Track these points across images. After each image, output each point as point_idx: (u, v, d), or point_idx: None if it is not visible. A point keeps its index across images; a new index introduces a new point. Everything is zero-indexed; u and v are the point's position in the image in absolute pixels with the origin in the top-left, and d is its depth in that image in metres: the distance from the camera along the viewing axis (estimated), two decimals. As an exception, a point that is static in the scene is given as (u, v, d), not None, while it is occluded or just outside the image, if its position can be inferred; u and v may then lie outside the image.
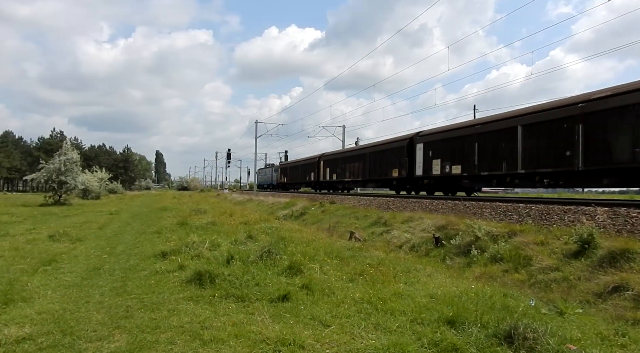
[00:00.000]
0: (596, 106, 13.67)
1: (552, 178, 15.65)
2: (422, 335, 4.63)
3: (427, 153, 22.56)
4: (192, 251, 9.19)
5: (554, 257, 8.34)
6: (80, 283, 7.16)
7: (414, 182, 24.53)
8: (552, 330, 4.52)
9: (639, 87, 12.61)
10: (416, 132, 25.06)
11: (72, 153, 35.10)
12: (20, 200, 39.07)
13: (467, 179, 19.86)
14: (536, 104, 19.50)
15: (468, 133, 19.67)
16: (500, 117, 18.47)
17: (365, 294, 6.13)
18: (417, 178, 23.71)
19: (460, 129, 20.67)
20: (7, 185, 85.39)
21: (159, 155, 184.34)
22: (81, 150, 63.51)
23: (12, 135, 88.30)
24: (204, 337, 4.54)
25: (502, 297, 6.11)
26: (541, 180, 16.04)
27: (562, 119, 14.85)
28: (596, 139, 13.62)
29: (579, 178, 15.01)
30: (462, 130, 20.41)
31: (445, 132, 21.76)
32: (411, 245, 11.81)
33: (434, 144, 22.23)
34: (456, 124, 22.54)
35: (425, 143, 22.98)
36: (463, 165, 19.74)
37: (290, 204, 25.44)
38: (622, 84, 13.71)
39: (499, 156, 17.57)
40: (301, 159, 49.75)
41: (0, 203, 31.49)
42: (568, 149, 14.49)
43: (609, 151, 13.25)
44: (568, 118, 14.58)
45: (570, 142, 14.40)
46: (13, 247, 10.47)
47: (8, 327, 4.86)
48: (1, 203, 31.57)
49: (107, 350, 4.29)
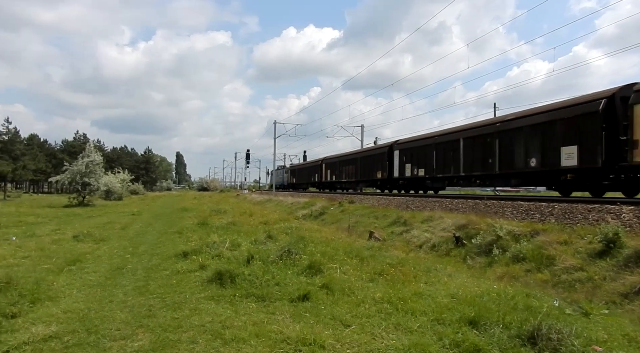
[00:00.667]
0: (505, 126, 18.58)
1: (481, 179, 20.66)
2: (444, 335, 4.58)
3: (402, 158, 27.33)
4: (212, 251, 9.28)
5: (578, 257, 8.18)
6: (104, 283, 7.29)
7: (393, 183, 29.35)
8: (577, 331, 4.43)
9: (526, 115, 17.65)
10: (395, 140, 30.08)
11: (95, 155, 35.80)
12: (45, 201, 39.98)
13: (429, 180, 24.67)
14: (478, 120, 26.47)
15: (428, 143, 24.30)
16: (449, 131, 23.42)
17: (386, 294, 6.10)
18: (395, 179, 28.47)
19: (424, 139, 25.29)
20: (33, 187, 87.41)
21: (179, 156, 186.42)
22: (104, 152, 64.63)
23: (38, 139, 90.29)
24: (225, 336, 4.58)
25: (524, 297, 6.02)
26: (475, 181, 21.18)
27: (486, 135, 19.62)
28: (506, 151, 18.36)
29: (497, 180, 20.22)
30: (425, 140, 24.98)
31: (415, 142, 26.47)
32: (431, 244, 11.72)
33: (406, 151, 26.89)
34: (422, 134, 27.14)
35: (400, 150, 27.66)
36: (426, 169, 24.42)
37: (310, 204, 25.49)
38: (521, 110, 18.81)
39: (448, 162, 22.31)
40: (307, 162, 57.72)
41: (27, 204, 32.26)
42: (490, 157, 19.19)
43: (513, 160, 17.92)
44: (489, 134, 19.38)
45: (492, 153, 19.08)
46: (39, 247, 10.72)
47: (35, 326, 4.97)
48: (27, 204, 32.34)
49: (131, 349, 4.36)
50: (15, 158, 53.81)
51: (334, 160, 41.73)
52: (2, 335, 4.70)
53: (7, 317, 5.21)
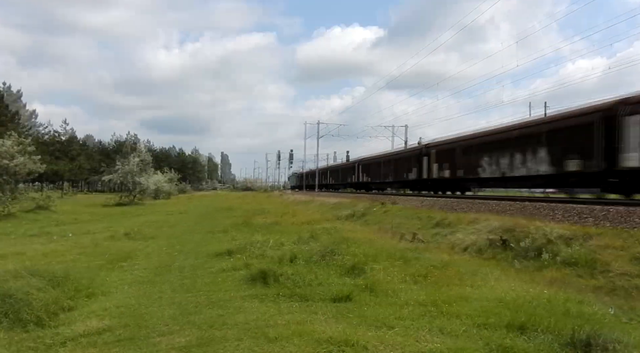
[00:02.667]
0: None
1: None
2: (490, 340, 4.46)
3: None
4: (256, 250, 9.42)
5: (635, 263, 7.76)
6: (153, 279, 7.55)
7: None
8: (635, 341, 4.21)
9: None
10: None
11: (145, 155, 37.16)
12: (98, 199, 41.84)
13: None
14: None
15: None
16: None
17: (430, 296, 5.99)
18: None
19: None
20: (88, 186, 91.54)
21: (224, 157, 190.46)
22: (152, 152, 66.86)
23: (92, 139, 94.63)
24: (269, 335, 4.63)
25: (577, 304, 5.76)
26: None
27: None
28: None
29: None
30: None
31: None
32: (477, 247, 11.41)
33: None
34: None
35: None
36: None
37: (352, 205, 25.39)
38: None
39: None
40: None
41: (82, 203, 33.84)
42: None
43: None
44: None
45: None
46: (93, 244, 11.24)
47: (90, 319, 5.22)
48: (83, 203, 33.93)
49: (179, 344, 4.48)
50: (72, 158, 56.49)
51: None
52: (59, 327, 4.96)
53: (65, 310, 5.50)
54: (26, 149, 22.11)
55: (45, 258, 9.08)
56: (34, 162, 22.26)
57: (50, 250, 10.12)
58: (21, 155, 21.71)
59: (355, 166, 46.73)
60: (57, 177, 55.95)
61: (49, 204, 23.28)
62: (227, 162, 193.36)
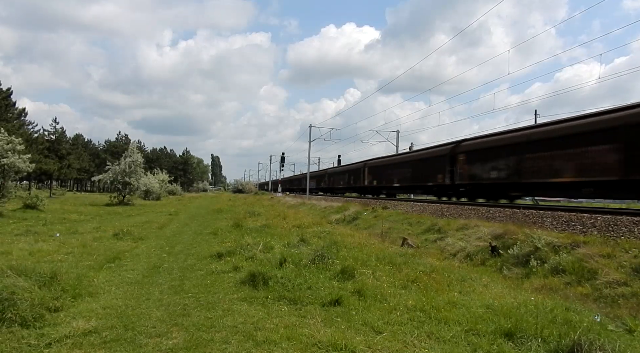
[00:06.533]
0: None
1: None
2: (478, 346, 4.49)
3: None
4: (246, 253, 9.39)
5: (622, 271, 7.85)
6: (142, 281, 7.49)
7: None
8: (620, 348, 4.26)
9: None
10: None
11: (136, 155, 36.87)
12: (87, 199, 41.47)
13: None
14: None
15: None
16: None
17: (419, 302, 6.02)
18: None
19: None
20: (77, 186, 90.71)
21: (214, 158, 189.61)
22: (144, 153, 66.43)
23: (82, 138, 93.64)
24: (257, 338, 4.62)
25: (564, 311, 5.82)
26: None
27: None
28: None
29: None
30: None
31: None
32: (466, 253, 11.48)
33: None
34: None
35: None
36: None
37: (343, 209, 25.42)
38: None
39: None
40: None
41: (71, 202, 33.51)
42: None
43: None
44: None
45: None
46: (81, 244, 11.12)
47: (76, 320, 5.16)
48: (72, 202, 33.59)
49: (166, 346, 4.46)
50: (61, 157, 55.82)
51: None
52: (45, 328, 4.89)
53: (51, 310, 5.42)
54: (15, 148, 21.86)
55: (32, 258, 8.97)
56: (23, 161, 22.00)
57: (37, 249, 9.98)
58: (12, 154, 21.46)
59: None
60: (45, 176, 55.38)
61: (37, 203, 23.04)
62: (218, 164, 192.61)
